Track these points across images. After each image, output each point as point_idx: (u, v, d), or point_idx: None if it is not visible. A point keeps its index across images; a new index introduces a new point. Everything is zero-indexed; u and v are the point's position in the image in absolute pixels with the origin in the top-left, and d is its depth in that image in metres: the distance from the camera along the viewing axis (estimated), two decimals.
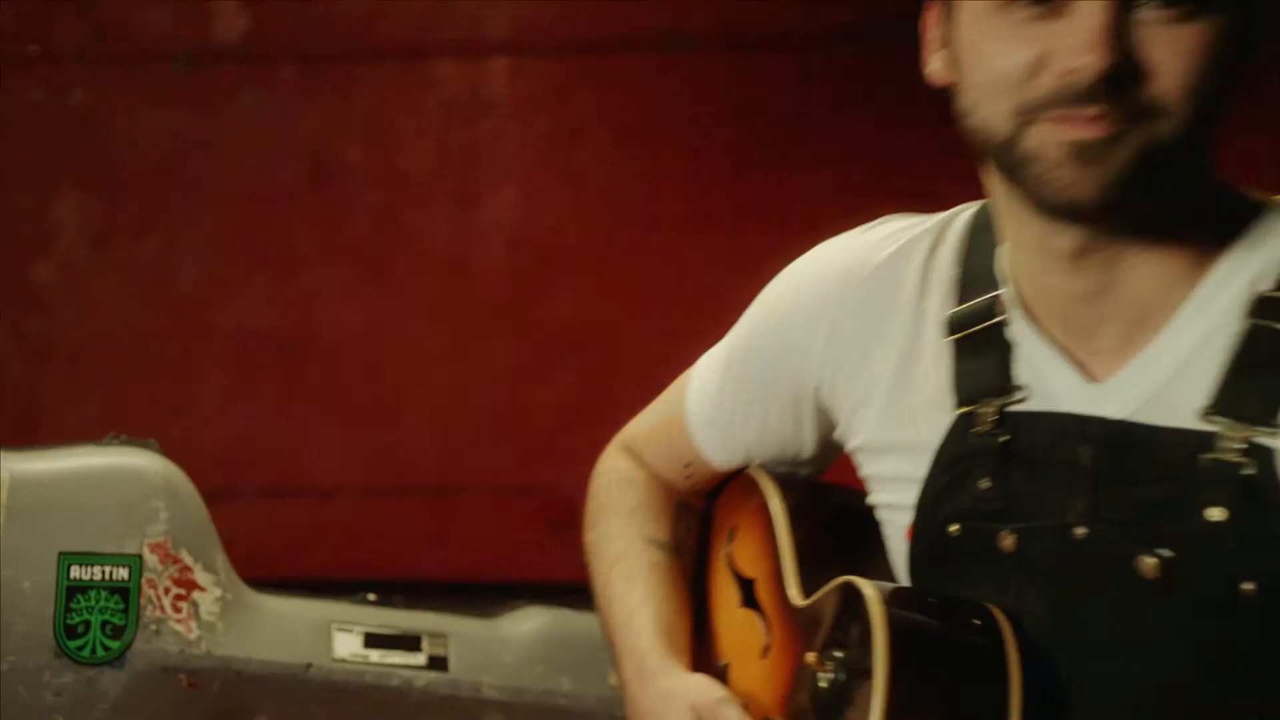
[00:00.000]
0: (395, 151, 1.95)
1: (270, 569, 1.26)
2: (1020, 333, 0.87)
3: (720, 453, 1.02)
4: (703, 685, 0.93)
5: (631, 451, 1.09)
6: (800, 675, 0.88)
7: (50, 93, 1.92)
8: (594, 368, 1.96)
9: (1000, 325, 0.88)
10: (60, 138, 1.93)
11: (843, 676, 0.83)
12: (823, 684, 0.84)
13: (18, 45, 1.91)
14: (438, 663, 1.19)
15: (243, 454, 1.91)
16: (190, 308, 1.96)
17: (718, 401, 1.01)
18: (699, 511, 1.07)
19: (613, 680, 1.20)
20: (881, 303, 0.92)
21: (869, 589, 0.83)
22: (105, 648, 1.12)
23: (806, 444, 0.98)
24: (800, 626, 0.92)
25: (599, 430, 1.95)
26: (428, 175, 1.97)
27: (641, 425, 1.09)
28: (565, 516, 1.96)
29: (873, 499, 0.93)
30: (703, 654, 1.02)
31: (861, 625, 0.83)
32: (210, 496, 1.20)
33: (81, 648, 1.12)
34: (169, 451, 1.20)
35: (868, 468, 0.93)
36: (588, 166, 1.97)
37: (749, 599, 0.98)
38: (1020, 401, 0.86)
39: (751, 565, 0.99)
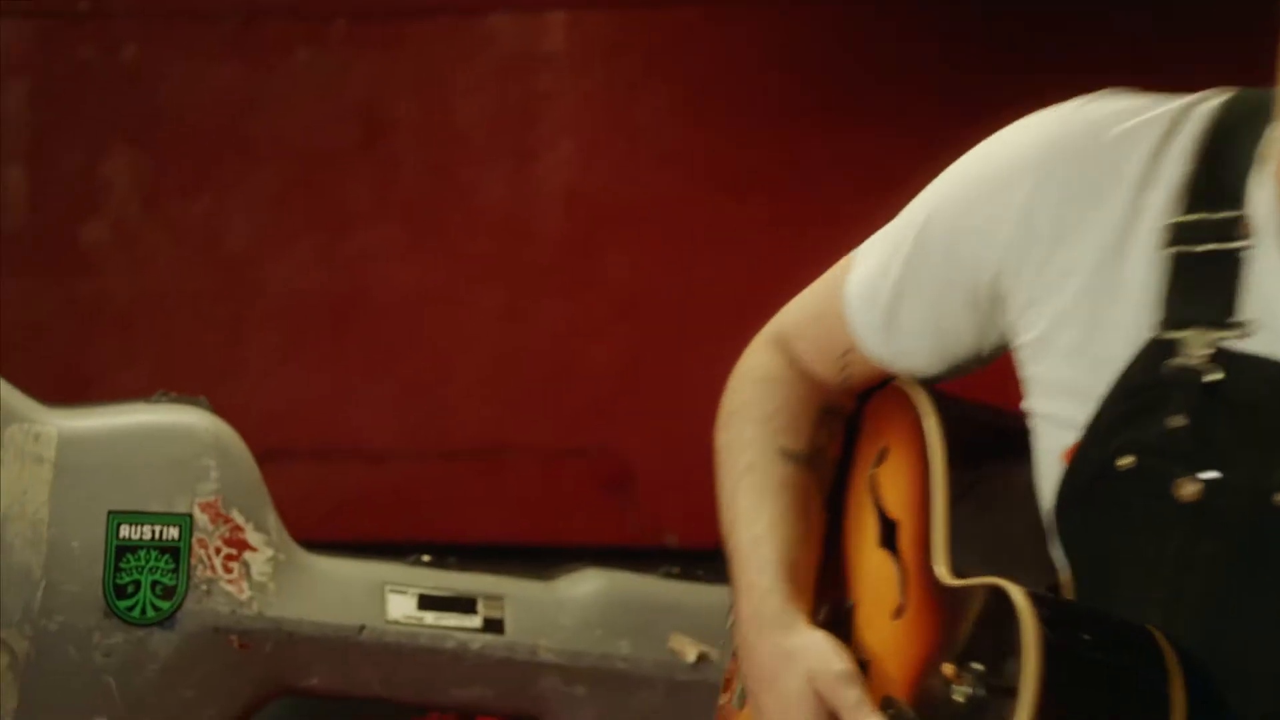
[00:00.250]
0: (448, 108, 1.92)
1: (320, 532, 1.25)
2: (1264, 264, 0.76)
3: (879, 339, 0.88)
4: (824, 650, 0.82)
5: (781, 343, 0.95)
6: (932, 667, 0.79)
7: (101, 49, 1.90)
8: (649, 327, 1.92)
9: (1236, 252, 0.77)
10: (111, 95, 1.90)
11: (981, 693, 0.75)
12: (958, 697, 0.76)
13: (69, 2, 1.89)
14: (494, 625, 1.16)
15: (293, 416, 1.88)
16: (241, 268, 1.93)
17: (881, 281, 0.88)
18: (847, 414, 0.94)
19: (673, 645, 1.17)
20: (1093, 185, 0.80)
21: (1022, 602, 0.74)
22: (155, 608, 1.10)
23: (973, 337, 0.86)
24: (941, 607, 0.83)
25: (654, 391, 1.92)
26: (481, 132, 1.94)
27: (794, 312, 0.95)
28: (619, 479, 1.94)
29: (1032, 404, 0.82)
30: (828, 580, 0.91)
31: (1008, 640, 0.74)
32: (261, 459, 1.18)
33: (131, 608, 1.09)
34: (219, 413, 1.17)
35: (1035, 367, 0.82)
36: (644, 122, 1.93)
37: (889, 540, 0.86)
38: (1241, 339, 0.76)
39: (899, 506, 0.87)
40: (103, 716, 1.09)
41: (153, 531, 1.10)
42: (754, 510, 0.89)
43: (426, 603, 1.16)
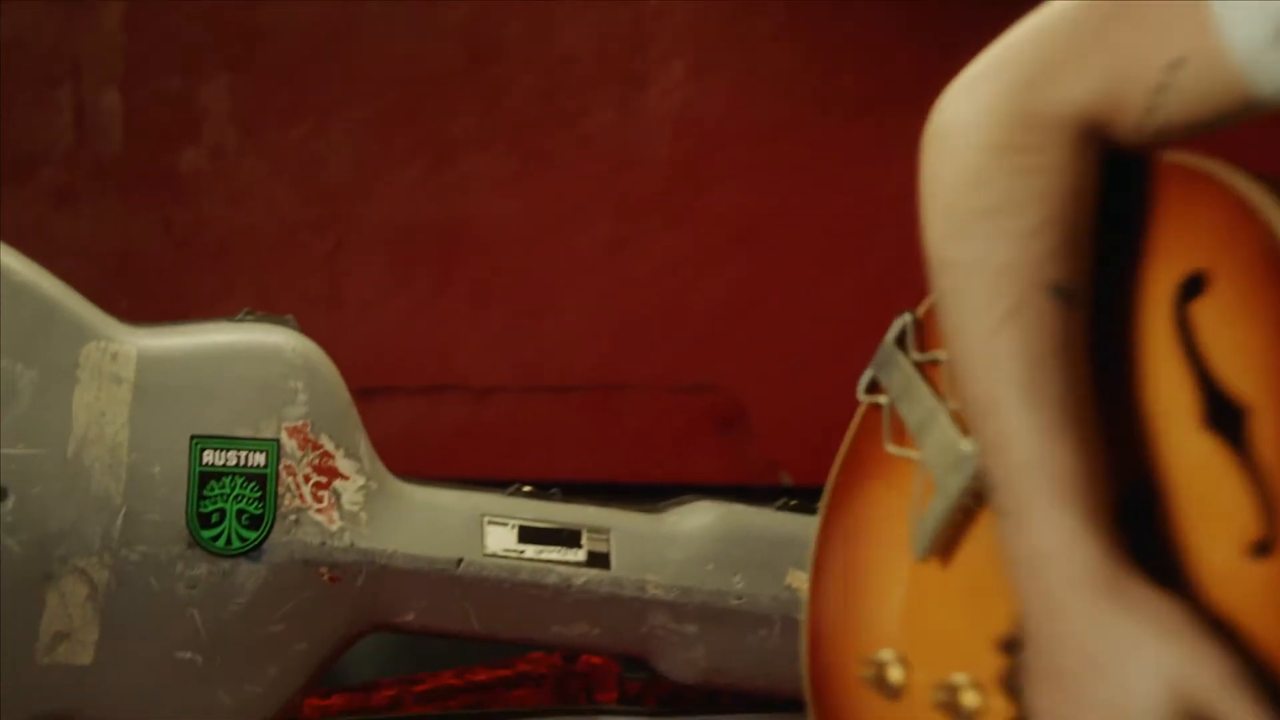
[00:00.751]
0: (555, 30, 1.85)
1: (422, 470, 1.17)
2: None
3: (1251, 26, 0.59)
4: (1193, 641, 0.57)
5: (1027, 87, 0.66)
6: None
7: None
8: (765, 259, 1.84)
9: None
10: (207, 19, 1.85)
11: None
12: None
13: None
14: (598, 559, 1.09)
15: (395, 350, 1.82)
16: (341, 197, 1.87)
17: None
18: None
19: (790, 581, 1.09)
20: None
21: None
22: (241, 538, 1.04)
23: None
24: None
25: (769, 325, 1.84)
26: (589, 55, 1.86)
27: (1051, 26, 0.67)
28: (731, 415, 1.86)
29: None
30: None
31: None
32: (361, 396, 1.11)
33: (216, 538, 1.04)
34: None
35: None
36: (760, 44, 1.84)
37: (1229, 428, 0.59)
38: None
39: (1252, 377, 0.59)
40: (187, 650, 1.04)
41: (238, 457, 1.04)
42: (1030, 403, 0.64)
43: (527, 535, 1.09)
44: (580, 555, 1.10)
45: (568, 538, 1.10)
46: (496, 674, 1.17)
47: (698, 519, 1.13)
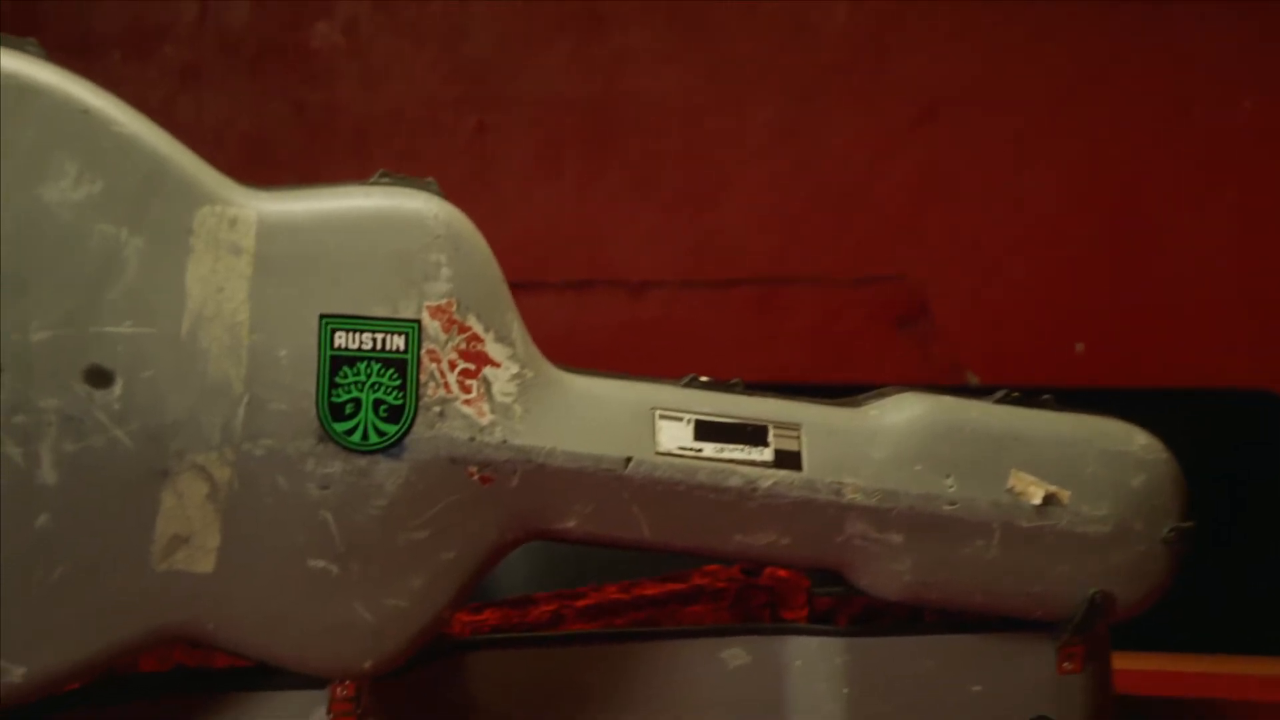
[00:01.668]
0: None
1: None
2: None
3: None
4: None
5: None
6: None
7: None
8: (948, 140, 1.71)
9: None
10: None
11: None
12: None
13: None
14: (788, 459, 0.95)
15: (543, 242, 1.72)
16: (485, 74, 1.76)
17: None
18: None
19: (1013, 484, 0.95)
20: None
21: None
22: (379, 432, 0.92)
23: None
24: None
25: (956, 213, 1.71)
26: None
27: None
28: (914, 311, 1.74)
29: None
30: None
31: None
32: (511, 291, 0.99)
33: (351, 431, 0.92)
34: None
35: None
36: None
37: None
38: None
39: None
40: (320, 559, 0.92)
41: (374, 340, 0.92)
42: None
43: (706, 431, 0.96)
44: (767, 454, 0.96)
45: (752, 434, 0.96)
46: (668, 588, 1.04)
47: (903, 412, 0.98)
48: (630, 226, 1.74)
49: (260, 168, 1.63)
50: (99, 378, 0.88)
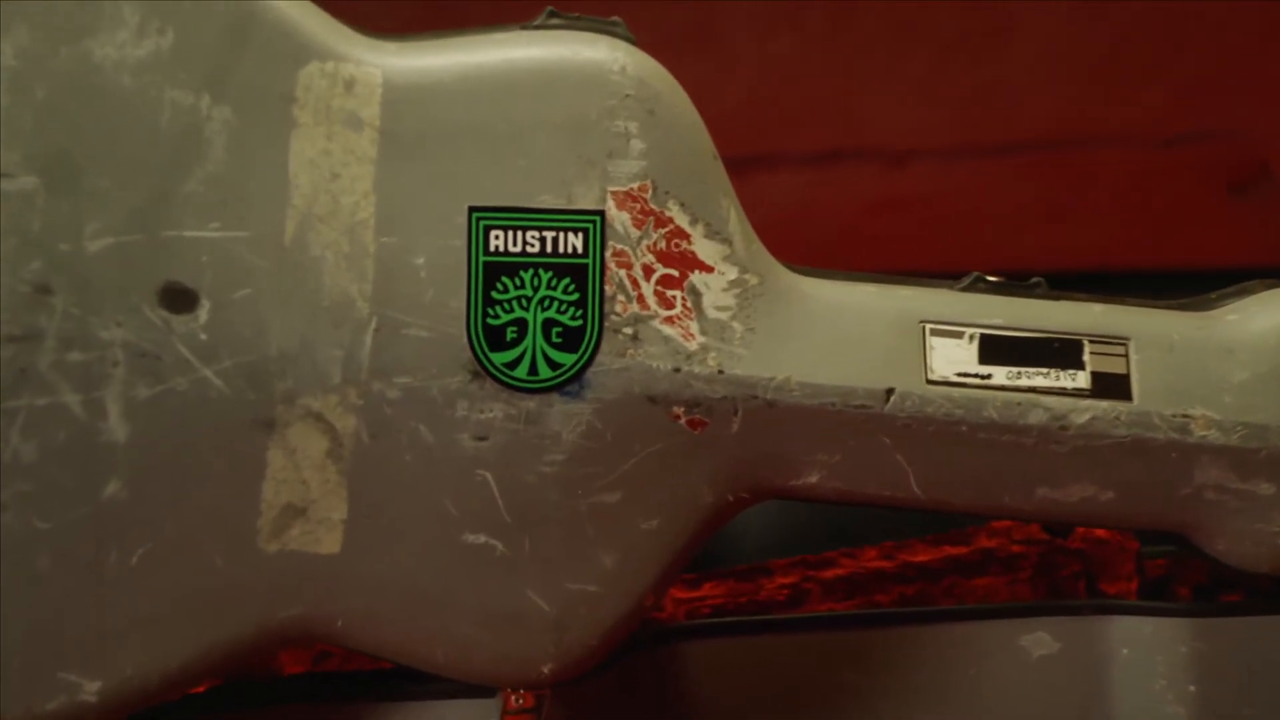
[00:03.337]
0: None
1: (823, 262, 0.90)
2: None
3: None
4: None
5: None
6: None
7: None
8: None
9: None
10: None
11: None
12: None
13: None
14: (1112, 385, 0.74)
15: (779, 104, 1.52)
16: None
17: None
18: None
19: None
20: None
21: None
22: (552, 363, 0.74)
23: None
24: None
25: None
26: None
27: None
28: (1251, 174, 1.53)
29: None
30: None
31: None
32: (734, 166, 0.79)
33: (514, 363, 0.74)
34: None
35: None
36: None
37: None
38: None
39: None
40: (480, 533, 0.74)
41: (542, 240, 0.73)
42: None
43: (995, 350, 0.75)
44: (1082, 379, 0.75)
45: (1061, 352, 0.76)
46: (945, 553, 0.85)
47: (1275, 316, 0.77)
48: (887, 83, 1.55)
49: (387, 14, 1.47)
50: (178, 299, 0.71)
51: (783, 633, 0.83)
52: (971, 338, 0.76)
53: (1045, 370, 0.75)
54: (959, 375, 0.75)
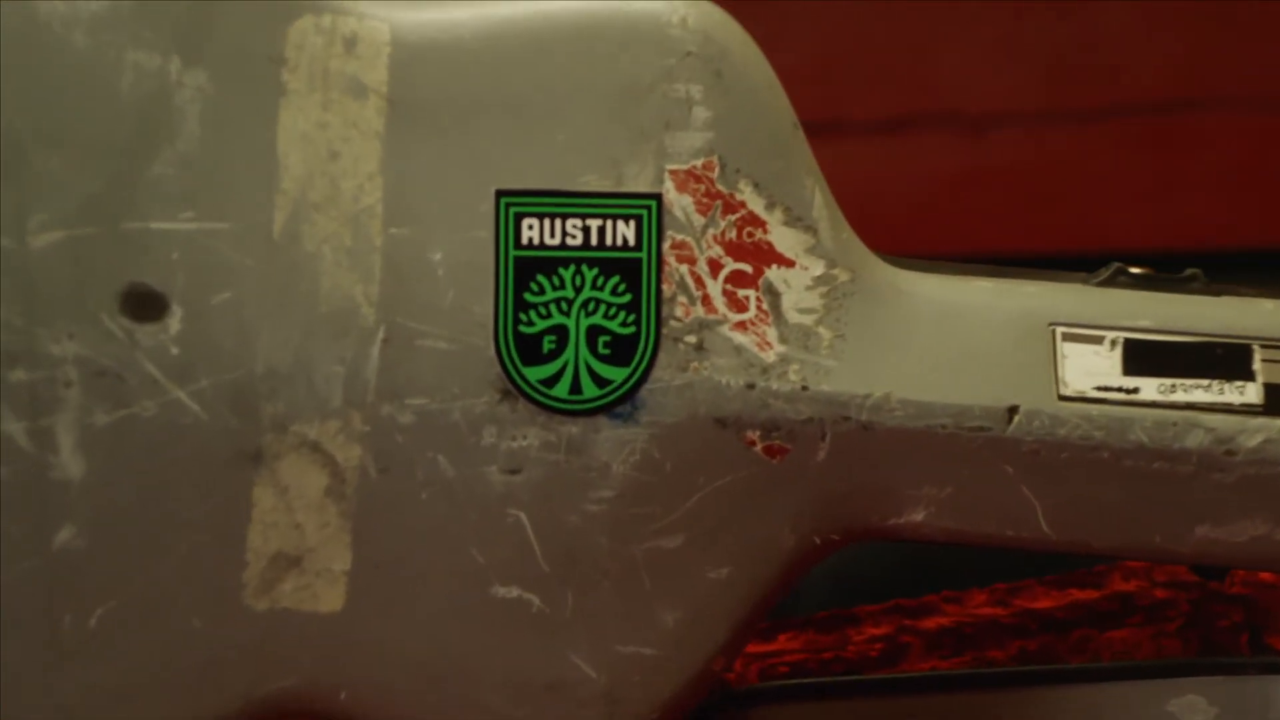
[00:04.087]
0: None
1: (894, 245, 0.82)
2: None
3: None
4: None
5: None
6: None
7: None
8: None
9: None
10: None
11: None
12: None
13: None
14: None
15: (843, 65, 1.46)
16: None
17: None
18: None
19: None
20: None
21: None
22: (599, 379, 0.64)
23: None
24: None
25: None
26: None
27: None
28: None
29: None
30: None
31: None
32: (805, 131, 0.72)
33: (553, 379, 0.64)
34: None
35: None
36: None
37: None
38: None
39: None
40: (512, 585, 0.64)
41: (585, 230, 0.63)
42: None
43: (1144, 357, 0.65)
44: (1251, 393, 0.66)
45: (1225, 360, 0.66)
46: (1073, 598, 0.75)
47: None
48: (967, 40, 1.47)
49: None
50: (144, 305, 0.62)
51: (877, 696, 0.74)
52: (1113, 344, 0.66)
53: (1206, 382, 0.65)
54: (1098, 390, 0.65)
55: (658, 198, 0.63)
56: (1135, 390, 0.65)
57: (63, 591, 0.61)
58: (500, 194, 0.63)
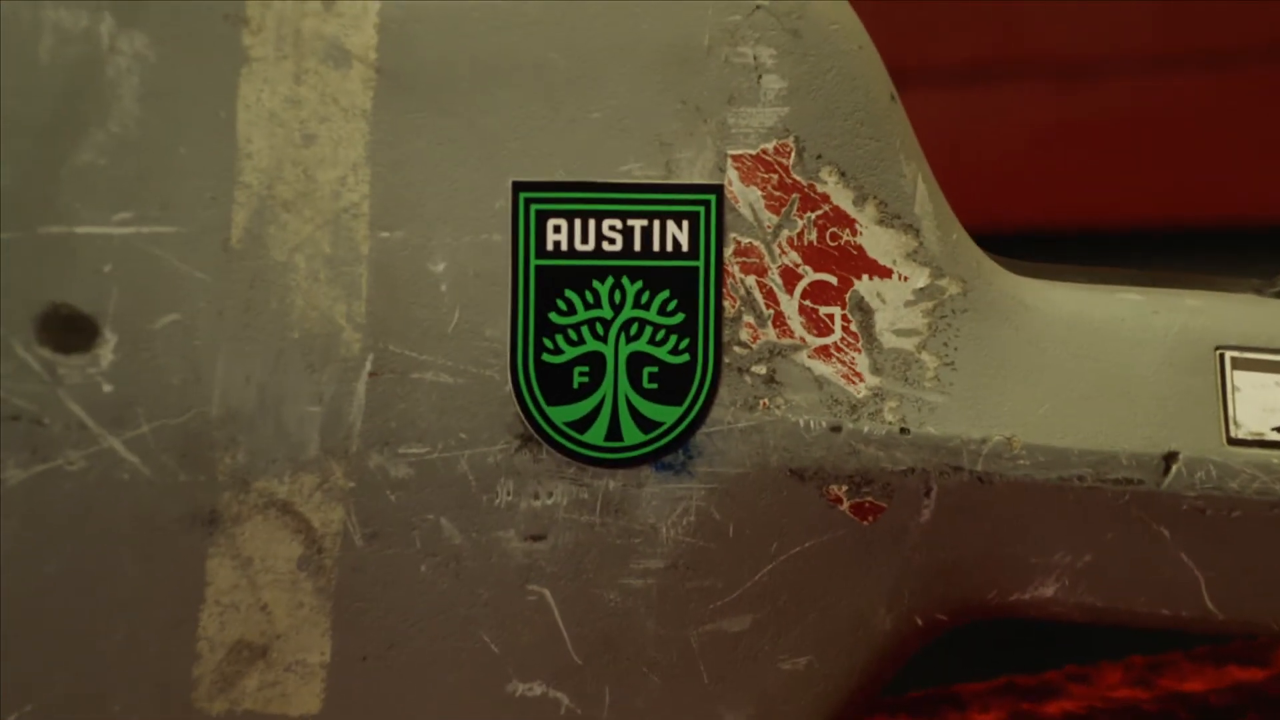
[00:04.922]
0: None
1: (974, 216, 0.72)
2: None
3: None
4: None
5: None
6: None
7: None
8: None
9: None
10: None
11: None
12: None
13: None
14: None
15: (919, 5, 1.36)
16: None
17: None
18: None
19: None
20: None
21: None
22: (643, 422, 0.54)
23: None
24: None
25: None
26: None
27: None
28: None
29: None
30: None
31: None
32: None
33: (584, 422, 0.54)
34: None
35: None
36: None
37: None
38: None
39: None
40: (535, 680, 0.54)
41: (625, 233, 0.53)
42: None
43: None
44: None
45: None
46: (1234, 678, 0.65)
47: None
48: None
49: None
50: (69, 331, 0.52)
51: None
52: None
53: None
54: (1278, 431, 0.55)
55: (718, 190, 0.53)
56: None
57: None
58: (518, 187, 0.53)
